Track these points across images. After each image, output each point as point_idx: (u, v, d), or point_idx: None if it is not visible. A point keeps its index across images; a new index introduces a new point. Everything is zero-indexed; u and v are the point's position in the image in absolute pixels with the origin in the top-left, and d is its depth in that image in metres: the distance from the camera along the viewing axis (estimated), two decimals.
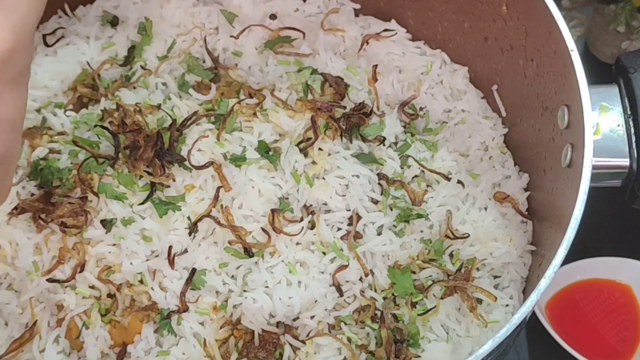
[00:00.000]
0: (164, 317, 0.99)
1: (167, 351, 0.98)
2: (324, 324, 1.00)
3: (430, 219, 1.07)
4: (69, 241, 1.01)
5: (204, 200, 1.04)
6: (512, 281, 1.06)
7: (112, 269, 1.01)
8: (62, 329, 1.00)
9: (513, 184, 1.13)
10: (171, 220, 1.03)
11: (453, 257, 1.06)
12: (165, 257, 1.01)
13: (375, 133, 1.11)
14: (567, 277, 1.37)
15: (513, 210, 1.10)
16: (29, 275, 1.01)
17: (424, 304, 1.02)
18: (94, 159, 1.05)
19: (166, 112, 1.10)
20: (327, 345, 0.99)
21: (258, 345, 0.99)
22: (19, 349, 0.98)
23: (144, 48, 1.19)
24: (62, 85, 1.16)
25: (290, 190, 1.06)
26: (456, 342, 1.01)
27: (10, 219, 1.03)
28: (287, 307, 1.00)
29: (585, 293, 1.39)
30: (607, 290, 1.39)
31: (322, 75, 1.14)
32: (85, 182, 1.03)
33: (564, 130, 0.99)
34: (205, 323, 1.00)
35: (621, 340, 1.35)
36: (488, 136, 1.18)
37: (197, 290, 1.00)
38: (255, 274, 1.01)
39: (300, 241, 1.03)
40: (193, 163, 1.05)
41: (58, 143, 1.09)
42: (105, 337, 0.99)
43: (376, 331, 0.99)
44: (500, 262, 1.06)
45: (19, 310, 1.01)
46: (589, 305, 1.38)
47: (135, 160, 1.04)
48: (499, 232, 1.07)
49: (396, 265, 1.04)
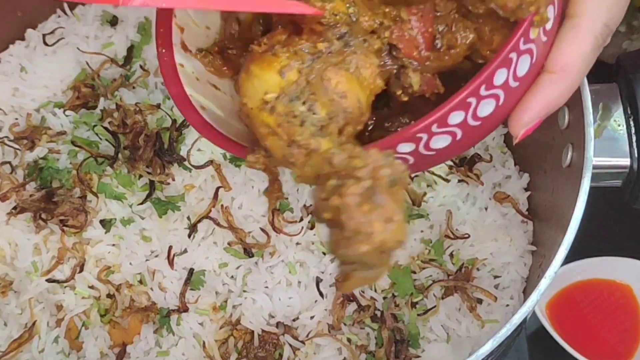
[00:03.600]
0: (163, 317, 0.99)
1: (166, 351, 0.98)
2: (324, 324, 1.00)
3: (430, 219, 1.07)
4: (68, 241, 1.01)
5: (204, 200, 1.04)
6: (512, 281, 1.06)
7: (111, 269, 1.01)
8: (61, 329, 0.99)
9: (513, 184, 1.13)
10: (171, 220, 1.03)
11: (453, 257, 1.05)
12: (165, 257, 1.01)
13: None
14: (567, 277, 1.37)
15: (513, 210, 1.10)
16: (28, 276, 1.01)
17: (424, 304, 1.02)
18: (93, 158, 1.05)
19: (166, 112, 1.09)
20: (327, 346, 0.99)
21: (258, 345, 0.99)
22: (19, 349, 0.98)
23: (143, 48, 1.19)
24: (62, 85, 1.16)
25: (290, 190, 1.06)
26: (456, 342, 1.01)
27: (9, 219, 1.03)
28: (286, 307, 1.00)
29: (585, 293, 1.39)
30: (607, 290, 1.39)
31: None
32: (85, 182, 1.03)
33: (564, 130, 0.99)
34: (204, 323, 1.00)
35: (621, 340, 1.35)
36: (488, 136, 1.18)
37: (196, 291, 1.00)
38: (255, 274, 1.01)
39: (300, 241, 1.03)
40: (192, 163, 1.05)
41: (57, 143, 1.09)
42: (105, 337, 0.99)
43: (376, 331, 0.99)
44: (501, 262, 1.06)
45: (18, 311, 1.01)
46: (589, 306, 1.38)
47: (135, 160, 1.04)
48: (499, 232, 1.07)
49: (396, 265, 1.04)
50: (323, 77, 0.70)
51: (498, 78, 0.64)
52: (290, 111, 0.70)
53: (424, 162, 0.71)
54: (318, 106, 0.70)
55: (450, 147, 0.68)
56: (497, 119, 0.69)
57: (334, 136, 0.70)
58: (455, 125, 0.66)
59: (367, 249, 0.60)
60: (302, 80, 0.71)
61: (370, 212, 0.61)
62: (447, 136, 0.67)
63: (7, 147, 1.09)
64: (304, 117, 0.70)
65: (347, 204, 0.61)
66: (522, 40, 0.63)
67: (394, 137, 0.67)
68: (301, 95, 0.70)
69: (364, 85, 0.71)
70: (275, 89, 0.71)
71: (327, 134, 0.70)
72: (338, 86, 0.70)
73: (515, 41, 0.63)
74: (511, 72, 0.65)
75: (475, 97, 0.64)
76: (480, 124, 0.67)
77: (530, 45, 0.65)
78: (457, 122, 0.66)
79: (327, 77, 0.70)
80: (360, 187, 0.62)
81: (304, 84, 0.71)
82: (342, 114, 0.70)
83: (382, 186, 0.62)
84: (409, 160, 0.69)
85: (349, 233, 0.61)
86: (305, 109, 0.70)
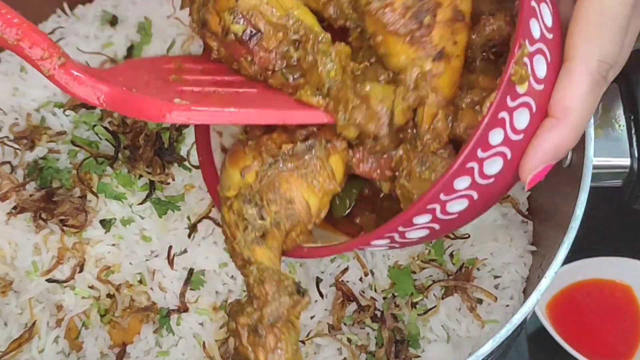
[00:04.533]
0: (163, 317, 0.99)
1: (166, 351, 0.98)
2: (324, 324, 1.00)
3: None
4: (68, 241, 1.01)
5: (204, 200, 1.04)
6: (512, 281, 1.06)
7: (111, 269, 1.01)
8: (61, 329, 0.99)
9: None
10: (171, 220, 1.03)
11: (453, 257, 1.05)
12: (165, 257, 1.01)
13: None
14: (567, 277, 1.37)
15: (513, 210, 1.10)
16: (28, 276, 1.01)
17: (424, 304, 1.02)
18: (93, 158, 1.05)
19: None
20: (327, 346, 0.99)
21: None
22: (18, 349, 0.98)
23: (143, 48, 1.19)
24: None
25: None
26: (456, 342, 1.01)
27: (9, 219, 1.03)
28: None
29: (585, 293, 1.39)
30: (607, 290, 1.39)
31: None
32: (85, 182, 1.03)
33: None
34: (204, 323, 1.00)
35: (621, 340, 1.35)
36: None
37: (196, 291, 1.00)
38: None
39: None
40: (192, 163, 1.05)
41: (57, 143, 1.09)
42: (105, 337, 0.99)
43: (376, 331, 0.99)
44: (501, 262, 1.06)
45: (18, 311, 1.01)
46: (589, 306, 1.38)
47: (135, 160, 1.04)
48: (499, 232, 1.07)
49: (396, 265, 1.04)
50: (274, 182, 0.74)
51: (494, 138, 0.65)
52: (241, 212, 0.74)
53: (450, 224, 0.72)
54: (265, 211, 0.74)
55: (471, 207, 0.70)
56: (512, 171, 0.69)
57: (276, 244, 0.74)
58: (465, 189, 0.67)
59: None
60: (256, 184, 0.75)
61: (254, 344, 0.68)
62: (462, 200, 0.68)
63: (7, 147, 1.09)
64: (249, 222, 0.74)
65: (238, 332, 0.69)
66: (508, 99, 0.64)
67: (404, 215, 0.68)
68: (253, 198, 0.75)
69: (315, 191, 0.75)
70: (236, 187, 0.77)
71: (268, 241, 0.74)
72: (286, 193, 0.74)
73: (495, 107, 0.63)
74: (508, 129, 0.65)
75: (475, 161, 0.65)
76: (494, 180, 0.68)
77: (522, 99, 0.65)
78: (465, 186, 0.67)
79: (278, 183, 0.74)
80: (249, 318, 0.69)
81: (257, 187, 0.75)
82: (288, 219, 0.74)
83: (264, 323, 0.68)
84: (435, 227, 0.71)
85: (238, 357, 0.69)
86: (255, 212, 0.74)
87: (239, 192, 0.76)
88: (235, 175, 0.77)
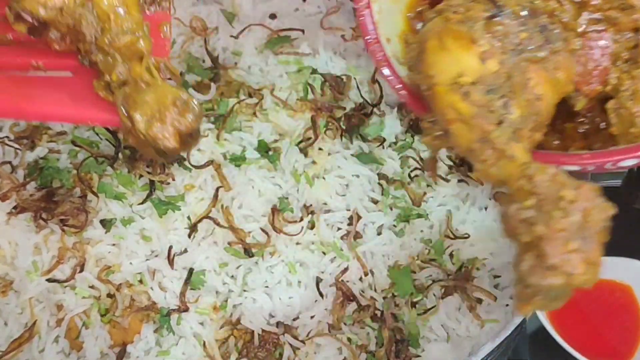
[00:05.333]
0: (163, 316, 0.99)
1: (166, 351, 0.98)
2: (324, 323, 1.00)
3: (430, 218, 1.07)
4: (69, 241, 1.01)
5: (204, 200, 1.04)
6: (512, 281, 1.06)
7: (111, 268, 1.01)
8: (61, 329, 0.99)
9: None
10: (171, 220, 1.03)
11: (453, 257, 1.05)
12: (165, 257, 1.01)
13: (375, 133, 1.11)
14: None
15: None
16: (28, 275, 1.01)
17: (424, 303, 1.02)
18: (94, 158, 1.05)
19: None
20: (327, 345, 0.99)
21: (258, 345, 0.99)
22: (19, 348, 0.98)
23: None
24: None
25: (290, 190, 1.06)
26: (456, 341, 1.01)
27: (9, 219, 1.03)
28: (286, 307, 1.00)
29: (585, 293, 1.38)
30: (607, 290, 1.38)
31: (321, 76, 1.14)
32: (85, 182, 1.03)
33: None
34: (205, 323, 1.00)
35: (621, 340, 1.35)
36: None
37: (196, 290, 1.00)
38: (255, 274, 1.01)
39: (300, 241, 1.03)
40: (192, 163, 1.05)
41: (58, 143, 1.09)
42: (105, 337, 0.99)
43: (376, 331, 0.99)
44: (500, 262, 1.06)
45: (18, 310, 1.01)
46: (589, 305, 1.38)
47: (135, 160, 1.04)
48: (499, 232, 1.07)
49: (396, 265, 1.04)
50: (525, 74, 0.66)
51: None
52: (486, 104, 0.65)
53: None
54: (513, 105, 0.65)
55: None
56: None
57: (525, 143, 0.66)
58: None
59: (561, 284, 0.60)
60: (502, 73, 0.66)
61: (576, 252, 0.60)
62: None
63: (7, 147, 1.09)
64: (501, 116, 0.65)
65: (554, 238, 0.60)
66: None
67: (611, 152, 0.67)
68: (499, 89, 0.65)
69: (556, 89, 0.67)
70: (472, 73, 0.66)
71: (520, 139, 0.65)
72: (537, 87, 0.66)
73: None
74: None
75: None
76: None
77: None
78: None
79: (529, 75, 0.66)
80: (569, 223, 0.60)
81: (504, 78, 0.66)
82: (533, 117, 0.66)
83: (593, 229, 0.61)
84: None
85: (549, 265, 0.60)
86: (501, 105, 0.65)
87: (479, 80, 0.65)
88: (469, 59, 0.66)
